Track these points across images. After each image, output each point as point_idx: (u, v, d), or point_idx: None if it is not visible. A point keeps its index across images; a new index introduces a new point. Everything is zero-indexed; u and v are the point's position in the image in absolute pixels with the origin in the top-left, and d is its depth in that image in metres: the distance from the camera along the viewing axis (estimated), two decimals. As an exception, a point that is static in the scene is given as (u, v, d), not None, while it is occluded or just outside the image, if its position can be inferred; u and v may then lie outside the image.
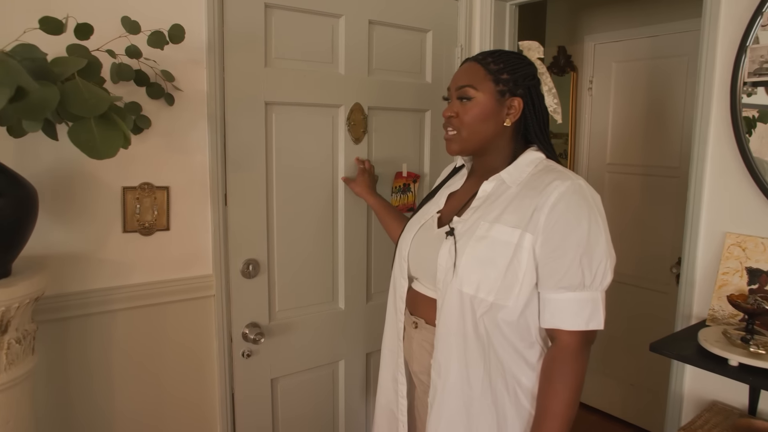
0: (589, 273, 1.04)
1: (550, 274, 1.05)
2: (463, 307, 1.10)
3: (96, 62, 1.01)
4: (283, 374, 1.75)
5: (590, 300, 1.05)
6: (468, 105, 1.15)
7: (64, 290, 1.36)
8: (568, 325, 1.05)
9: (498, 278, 1.07)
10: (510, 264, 1.06)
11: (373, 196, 1.69)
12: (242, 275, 1.61)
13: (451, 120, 1.18)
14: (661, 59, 2.61)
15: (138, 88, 1.37)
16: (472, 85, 1.15)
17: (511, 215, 1.09)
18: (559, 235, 1.04)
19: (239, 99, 1.55)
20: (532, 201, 1.07)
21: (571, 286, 1.04)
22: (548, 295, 1.07)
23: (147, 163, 1.43)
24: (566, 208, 1.04)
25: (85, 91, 0.92)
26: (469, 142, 1.17)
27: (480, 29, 2.01)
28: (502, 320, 1.09)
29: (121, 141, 0.96)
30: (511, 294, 1.07)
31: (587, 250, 1.04)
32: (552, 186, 1.06)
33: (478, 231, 1.10)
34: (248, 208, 1.60)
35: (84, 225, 1.37)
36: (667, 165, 2.62)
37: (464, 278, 1.09)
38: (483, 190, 1.17)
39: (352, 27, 1.73)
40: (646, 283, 2.75)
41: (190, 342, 1.57)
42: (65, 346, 1.38)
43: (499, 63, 1.16)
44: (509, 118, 1.16)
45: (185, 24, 1.40)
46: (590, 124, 2.95)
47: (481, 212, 1.13)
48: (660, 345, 1.25)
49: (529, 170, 1.14)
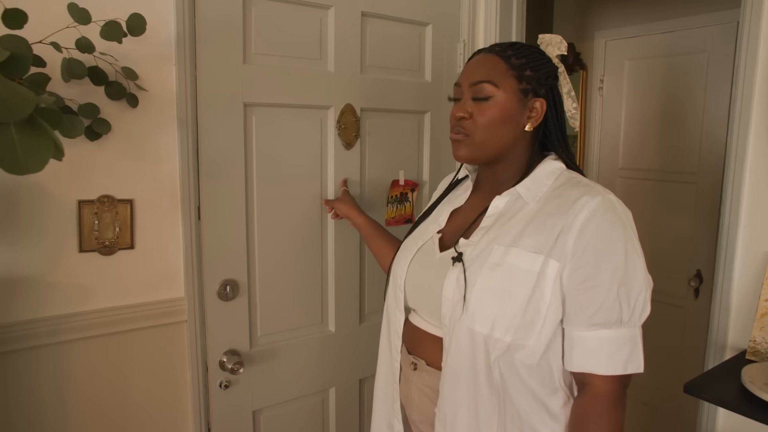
0: (627, 306, 0.87)
1: (581, 308, 0.88)
2: (475, 349, 0.92)
3: (24, 56, 0.83)
4: (267, 405, 1.57)
5: (628, 338, 0.88)
6: (485, 105, 0.96)
7: (6, 320, 1.18)
8: (603, 368, 0.88)
9: (517, 314, 0.89)
10: (531, 296, 0.89)
11: (362, 215, 1.48)
12: (219, 297, 1.44)
13: (463, 122, 0.99)
14: (679, 56, 2.43)
15: (96, 87, 1.20)
16: (492, 80, 0.96)
17: (532, 238, 0.91)
18: (591, 261, 0.87)
19: (214, 100, 1.37)
20: (557, 221, 0.90)
21: (606, 323, 0.87)
22: (578, 333, 0.89)
23: (107, 173, 1.25)
24: (599, 230, 0.88)
25: (4, 90, 0.74)
26: (482, 149, 0.99)
27: (485, 23, 1.84)
28: (520, 362, 0.91)
29: (50, 151, 0.78)
30: (532, 332, 0.89)
31: (625, 278, 0.87)
32: (580, 203, 0.89)
33: (492, 257, 0.92)
34: (225, 222, 1.42)
35: (32, 244, 1.19)
36: (685, 170, 2.44)
37: (476, 314, 0.91)
38: (494, 207, 0.99)
39: (342, 19, 1.55)
40: (661, 297, 2.57)
41: (160, 374, 1.39)
42: (7, 385, 1.20)
43: (521, 57, 0.98)
44: (531, 122, 0.98)
45: (151, 14, 1.23)
46: (601, 125, 2.78)
47: (494, 233, 0.95)
48: (696, 386, 1.07)
49: (548, 183, 0.97)
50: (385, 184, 1.72)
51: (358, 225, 1.48)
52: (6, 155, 0.74)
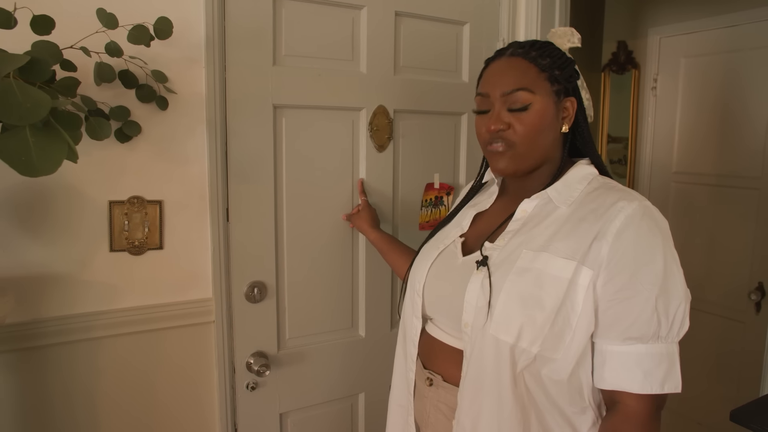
0: (665, 320, 0.81)
1: (616, 320, 0.82)
2: (500, 360, 0.86)
3: (43, 60, 0.85)
4: (294, 408, 1.57)
5: (666, 355, 0.82)
6: (525, 114, 0.90)
7: (42, 315, 1.22)
8: (638, 386, 0.81)
9: (546, 323, 0.83)
10: (562, 306, 0.83)
11: (374, 230, 1.46)
12: (246, 299, 1.44)
13: (502, 134, 0.92)
14: (741, 52, 2.27)
15: (126, 90, 1.22)
16: (527, 87, 0.90)
17: (563, 243, 0.85)
18: (628, 270, 0.81)
19: (243, 102, 1.37)
20: (590, 226, 0.84)
21: (642, 337, 0.81)
22: (610, 348, 0.83)
23: (137, 175, 1.28)
24: (636, 236, 0.82)
25: (20, 94, 0.75)
26: (526, 160, 0.93)
27: (525, 20, 1.76)
28: (547, 378, 0.85)
29: (63, 153, 0.79)
30: (561, 344, 0.84)
31: (664, 290, 0.81)
32: (616, 208, 0.84)
33: (520, 261, 0.87)
34: (253, 224, 1.42)
35: (65, 243, 1.23)
36: (746, 175, 2.28)
37: (502, 322, 0.85)
38: (522, 210, 0.94)
39: (375, 19, 1.53)
40: (718, 309, 2.41)
41: (188, 373, 1.40)
42: (43, 378, 1.24)
43: (545, 57, 0.92)
44: (566, 122, 0.94)
45: (181, 17, 1.24)
46: (654, 127, 2.63)
47: (523, 237, 0.90)
48: (745, 414, 0.97)
49: (581, 187, 0.91)
50: (419, 188, 1.68)
51: (371, 240, 1.47)
52: (20, 158, 0.75)
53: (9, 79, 0.77)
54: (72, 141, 0.80)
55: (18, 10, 0.92)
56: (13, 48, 0.92)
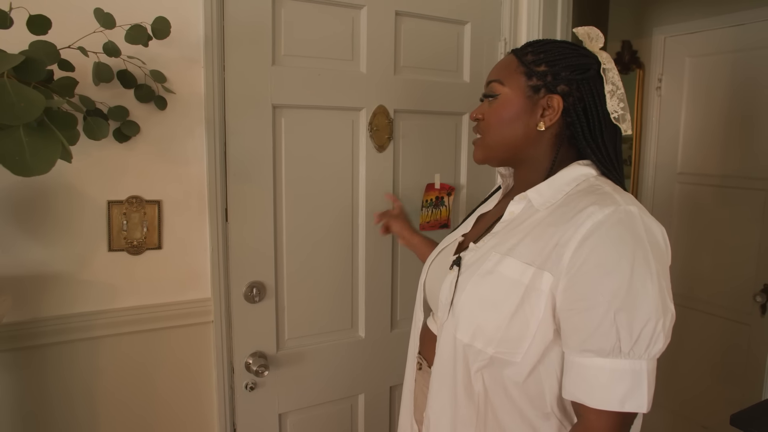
0: (627, 335, 0.76)
1: (574, 330, 0.79)
2: (456, 357, 0.89)
3: (38, 60, 0.85)
4: (293, 408, 1.56)
5: (629, 372, 0.76)
6: (494, 104, 0.95)
7: (41, 315, 1.22)
8: (595, 401, 0.77)
9: (500, 326, 0.83)
10: (518, 310, 0.82)
11: (417, 234, 1.43)
12: (245, 299, 1.44)
13: (478, 124, 0.99)
14: (749, 51, 2.24)
15: (125, 90, 1.22)
16: (500, 79, 0.95)
17: (527, 247, 0.84)
18: (587, 279, 0.77)
19: (242, 101, 1.37)
20: (555, 231, 0.82)
21: (600, 351, 0.77)
22: (572, 358, 0.80)
23: (136, 175, 1.28)
24: (600, 244, 0.77)
25: (14, 93, 0.75)
26: (493, 149, 0.97)
27: (527, 20, 1.75)
28: (508, 379, 0.85)
29: (57, 153, 0.79)
30: (519, 348, 0.83)
31: (626, 303, 0.75)
32: (585, 213, 0.79)
33: (486, 264, 0.88)
34: (252, 224, 1.42)
35: (64, 243, 1.23)
36: (753, 176, 2.25)
37: (460, 321, 0.88)
38: (509, 212, 0.93)
39: (375, 19, 1.52)
40: (722, 311, 2.39)
41: (186, 373, 1.40)
42: (42, 377, 1.24)
43: (538, 53, 0.92)
44: (544, 120, 0.91)
45: (179, 16, 1.24)
46: (658, 127, 2.61)
47: (497, 240, 0.90)
48: (745, 418, 0.96)
49: (566, 190, 0.88)
50: (420, 188, 1.67)
51: (414, 245, 1.42)
52: (14, 157, 0.76)
53: (3, 78, 0.77)
54: (67, 141, 0.80)
55: (14, 10, 0.92)
56: (10, 48, 0.92)
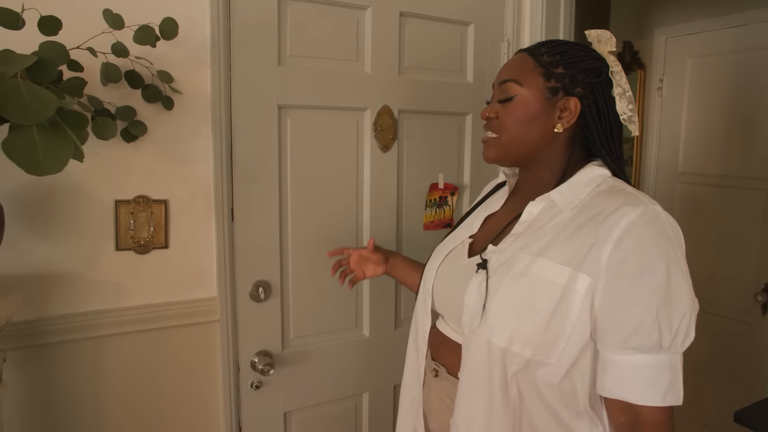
0: (668, 330, 0.79)
1: (615, 329, 0.80)
2: (492, 362, 0.86)
3: (50, 60, 0.86)
4: (298, 407, 1.57)
5: (668, 366, 0.79)
6: (510, 104, 0.93)
7: (48, 313, 1.23)
8: (640, 397, 0.80)
9: (538, 329, 0.83)
10: (555, 312, 0.82)
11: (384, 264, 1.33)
12: (251, 298, 1.44)
13: (491, 122, 0.97)
14: (748, 52, 2.25)
15: (132, 90, 1.23)
16: (516, 79, 0.93)
17: (561, 248, 0.84)
18: (627, 278, 0.79)
19: (248, 102, 1.38)
20: (590, 232, 0.83)
21: (643, 347, 0.79)
22: (611, 356, 0.82)
23: (143, 174, 1.29)
24: (638, 243, 0.79)
25: (27, 94, 0.76)
26: (508, 150, 0.95)
27: (530, 21, 1.76)
28: (541, 380, 0.85)
29: (70, 153, 0.79)
30: (555, 349, 0.83)
31: (666, 299, 0.78)
32: (618, 213, 0.81)
33: (517, 266, 0.87)
34: (258, 223, 1.43)
35: (72, 242, 1.24)
36: (754, 176, 2.26)
37: (495, 325, 0.86)
38: (528, 213, 0.93)
39: (380, 20, 1.53)
40: (724, 311, 2.40)
41: (192, 371, 1.41)
42: (49, 375, 1.25)
43: (554, 54, 0.92)
44: (561, 122, 0.92)
45: (186, 17, 1.25)
46: (659, 127, 2.62)
47: (524, 241, 0.89)
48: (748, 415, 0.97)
49: (587, 191, 0.90)
50: (424, 188, 1.68)
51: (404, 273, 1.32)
52: (27, 157, 0.76)
53: (16, 79, 0.78)
54: (78, 140, 0.81)
55: (25, 11, 0.93)
56: (20, 48, 0.93)
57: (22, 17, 0.90)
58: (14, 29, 0.89)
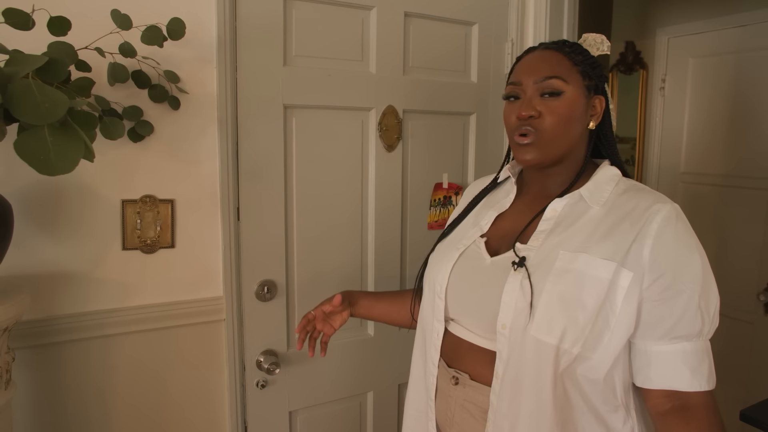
0: (707, 317, 0.84)
1: (660, 320, 0.84)
2: (541, 361, 0.85)
3: (61, 61, 0.86)
4: (304, 406, 1.58)
5: (706, 351, 0.86)
6: (555, 102, 0.90)
7: (56, 313, 1.23)
8: (687, 384, 0.84)
9: (587, 324, 0.83)
10: (602, 306, 0.83)
11: (350, 307, 1.22)
12: (257, 298, 1.45)
13: (531, 121, 0.91)
14: (750, 52, 2.26)
15: (139, 90, 1.23)
16: (560, 76, 0.91)
17: (602, 244, 0.86)
18: (670, 271, 0.83)
19: (254, 102, 1.38)
20: (629, 228, 0.85)
21: (688, 335, 0.84)
22: (655, 348, 0.85)
23: (149, 174, 1.29)
24: (676, 238, 0.84)
25: (38, 94, 0.77)
26: (551, 149, 0.92)
27: (534, 21, 1.77)
28: (582, 377, 0.85)
29: (80, 152, 0.80)
30: (599, 345, 0.84)
31: (704, 288, 0.84)
32: (652, 210, 0.85)
33: (559, 262, 0.86)
34: (264, 223, 1.43)
35: (78, 242, 1.24)
36: (756, 176, 2.27)
37: (544, 323, 0.84)
38: (552, 209, 0.93)
39: (385, 20, 1.54)
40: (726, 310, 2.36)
41: (198, 370, 1.41)
42: (57, 374, 1.26)
43: (578, 53, 0.94)
44: (593, 120, 0.95)
45: (193, 18, 1.25)
46: (662, 127, 2.63)
47: (558, 238, 0.89)
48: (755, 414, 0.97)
49: (609, 188, 0.92)
50: (428, 187, 1.69)
51: (376, 310, 1.25)
52: (39, 157, 0.77)
53: (28, 79, 0.78)
54: (88, 140, 0.81)
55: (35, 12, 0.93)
56: (28, 48, 0.94)
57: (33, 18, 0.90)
58: (24, 30, 0.90)
